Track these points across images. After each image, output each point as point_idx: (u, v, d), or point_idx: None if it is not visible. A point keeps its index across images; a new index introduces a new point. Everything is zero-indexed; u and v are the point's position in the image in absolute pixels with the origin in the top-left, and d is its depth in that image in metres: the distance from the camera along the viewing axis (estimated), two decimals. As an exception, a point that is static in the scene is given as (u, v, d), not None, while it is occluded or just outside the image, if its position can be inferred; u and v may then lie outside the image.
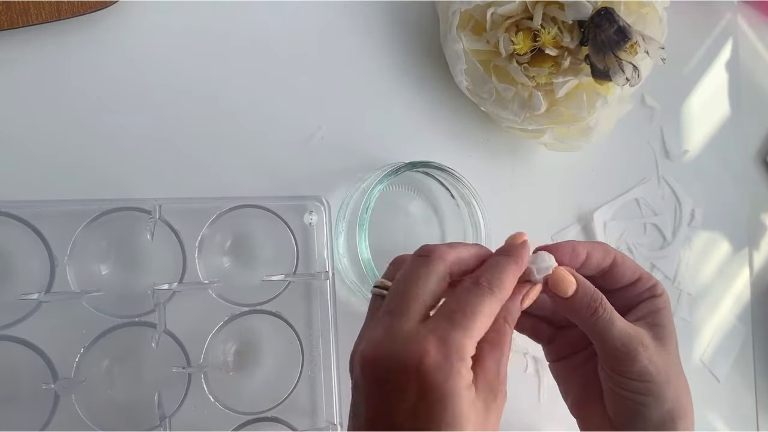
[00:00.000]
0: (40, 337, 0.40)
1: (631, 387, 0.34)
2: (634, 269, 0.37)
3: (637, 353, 0.34)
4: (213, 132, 0.46)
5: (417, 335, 0.29)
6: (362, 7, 0.50)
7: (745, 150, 0.63)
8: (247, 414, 0.43)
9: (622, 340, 0.34)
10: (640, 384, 0.34)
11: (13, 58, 0.42)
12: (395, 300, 0.31)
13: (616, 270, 0.36)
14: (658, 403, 0.34)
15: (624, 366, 0.34)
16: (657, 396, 0.34)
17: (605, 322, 0.34)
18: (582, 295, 0.34)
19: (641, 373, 0.34)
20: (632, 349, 0.34)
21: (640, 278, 0.37)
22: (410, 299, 0.31)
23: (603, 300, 0.34)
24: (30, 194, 0.41)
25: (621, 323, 0.34)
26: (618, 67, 0.44)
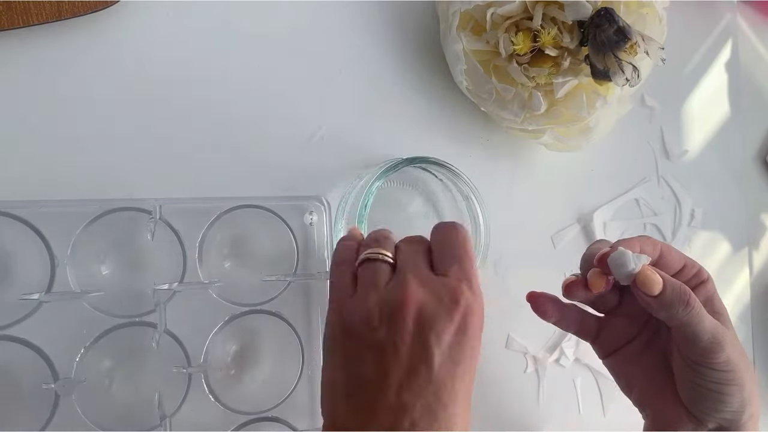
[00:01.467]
0: (40, 337, 0.40)
1: (715, 377, 0.35)
2: (680, 257, 0.37)
3: (725, 342, 0.34)
4: (213, 132, 0.46)
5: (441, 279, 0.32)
6: (362, 7, 0.50)
7: (745, 150, 0.63)
8: (247, 414, 0.43)
9: (712, 331, 0.34)
10: (725, 374, 0.35)
11: (13, 58, 0.42)
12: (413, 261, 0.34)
13: (664, 261, 0.37)
14: (740, 389, 0.35)
15: (712, 357, 0.34)
16: (739, 383, 0.35)
17: (697, 315, 0.34)
18: (670, 291, 0.34)
19: (728, 362, 0.34)
20: (721, 340, 0.34)
21: (685, 265, 0.37)
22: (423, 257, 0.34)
23: (691, 293, 0.35)
24: (30, 194, 0.41)
25: (708, 315, 0.35)
26: (618, 67, 0.44)
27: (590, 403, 0.54)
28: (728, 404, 0.35)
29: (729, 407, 0.35)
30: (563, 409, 0.53)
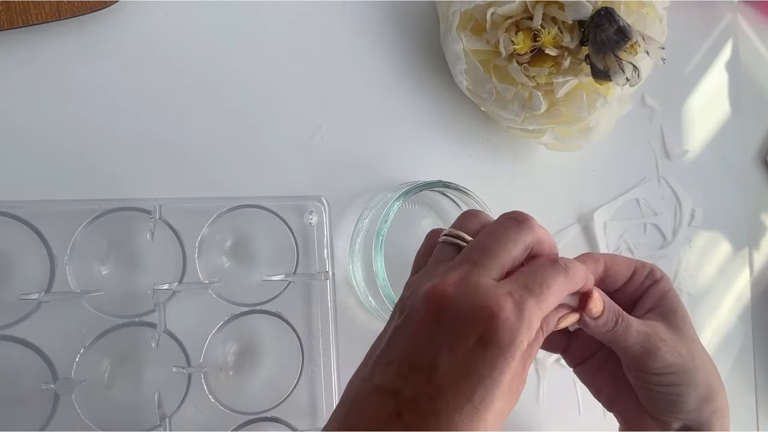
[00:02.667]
0: (40, 337, 0.40)
1: (660, 381, 0.35)
2: (627, 264, 0.37)
3: (658, 350, 0.34)
4: (213, 132, 0.46)
5: (495, 290, 0.28)
6: (362, 7, 0.50)
7: (745, 150, 0.63)
8: (247, 414, 0.43)
9: (641, 342, 0.34)
10: (668, 377, 0.34)
11: (13, 58, 0.42)
12: (479, 252, 0.31)
13: (610, 272, 0.36)
14: (692, 388, 0.35)
15: (648, 364, 0.34)
16: (689, 383, 0.34)
17: (624, 332, 0.34)
18: (607, 313, 0.34)
19: (667, 366, 0.34)
20: (653, 347, 0.34)
21: (635, 270, 0.37)
22: (495, 256, 0.30)
23: (621, 312, 0.34)
24: (30, 194, 0.41)
25: (636, 326, 0.34)
26: (618, 67, 0.44)
27: (590, 403, 0.53)
28: (683, 404, 0.35)
29: (685, 407, 0.35)
30: (563, 409, 0.53)
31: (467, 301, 0.28)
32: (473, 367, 0.27)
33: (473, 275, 0.29)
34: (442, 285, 0.29)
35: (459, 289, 0.29)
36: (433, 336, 0.28)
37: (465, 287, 0.29)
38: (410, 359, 0.28)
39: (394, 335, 0.30)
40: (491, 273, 0.30)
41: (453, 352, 0.28)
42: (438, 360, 0.28)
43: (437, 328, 0.28)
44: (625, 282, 0.37)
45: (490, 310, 0.28)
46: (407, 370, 0.28)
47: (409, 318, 0.29)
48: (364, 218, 0.46)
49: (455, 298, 0.28)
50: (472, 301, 0.28)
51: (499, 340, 0.27)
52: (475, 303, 0.28)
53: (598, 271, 0.36)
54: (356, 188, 0.48)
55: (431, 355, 0.28)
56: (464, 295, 0.28)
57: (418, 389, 0.27)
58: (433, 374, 0.27)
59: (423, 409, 0.27)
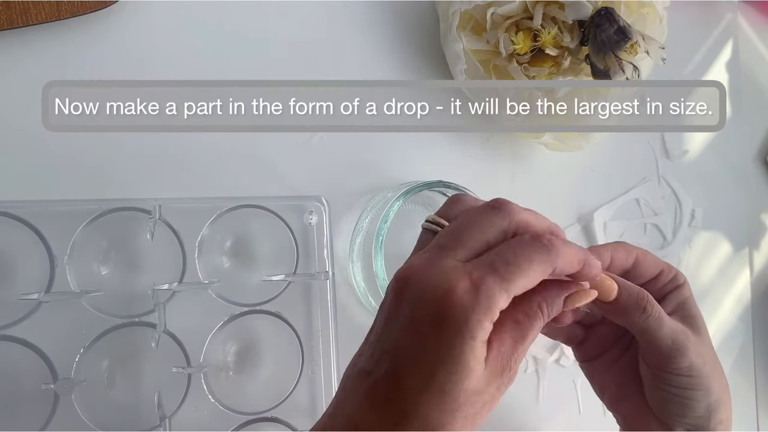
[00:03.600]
0: (40, 337, 0.40)
1: (679, 383, 0.34)
2: (656, 263, 0.36)
3: (687, 349, 0.34)
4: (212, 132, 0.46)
5: (454, 270, 0.28)
6: (362, 7, 0.50)
7: (745, 150, 0.63)
8: (247, 414, 0.43)
9: (672, 337, 0.34)
10: (688, 379, 0.34)
11: (13, 58, 0.42)
12: (447, 236, 0.30)
13: (639, 267, 0.36)
14: (706, 395, 0.34)
15: (674, 363, 0.34)
16: (705, 388, 0.34)
17: (655, 321, 0.34)
18: (626, 296, 0.34)
19: (690, 368, 0.34)
20: (682, 345, 0.34)
21: (662, 271, 0.36)
22: (463, 240, 0.30)
23: (649, 298, 0.34)
24: (30, 194, 0.41)
25: (669, 320, 0.34)
26: (618, 67, 0.44)
27: (590, 403, 0.53)
28: (694, 409, 0.35)
29: (694, 412, 0.35)
30: (563, 409, 0.53)
31: (426, 282, 0.28)
32: (431, 347, 0.27)
33: (437, 258, 0.29)
34: (407, 268, 0.29)
35: (420, 271, 0.29)
36: (396, 318, 0.29)
37: (427, 269, 0.29)
38: (380, 342, 0.29)
39: (374, 320, 0.31)
40: (457, 255, 0.29)
41: (412, 334, 0.28)
42: (400, 342, 0.28)
43: (399, 310, 0.29)
44: (650, 280, 0.36)
45: (442, 289, 0.28)
46: (378, 352, 0.29)
47: (382, 303, 0.30)
48: (364, 218, 0.46)
49: (416, 280, 0.29)
50: (430, 281, 0.28)
51: (453, 318, 0.27)
52: (432, 283, 0.28)
53: (628, 262, 0.36)
54: (356, 188, 0.48)
55: (394, 337, 0.28)
56: (424, 276, 0.29)
57: (387, 370, 0.28)
58: (397, 356, 0.28)
59: (390, 389, 0.28)
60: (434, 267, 0.29)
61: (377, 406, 0.28)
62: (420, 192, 0.43)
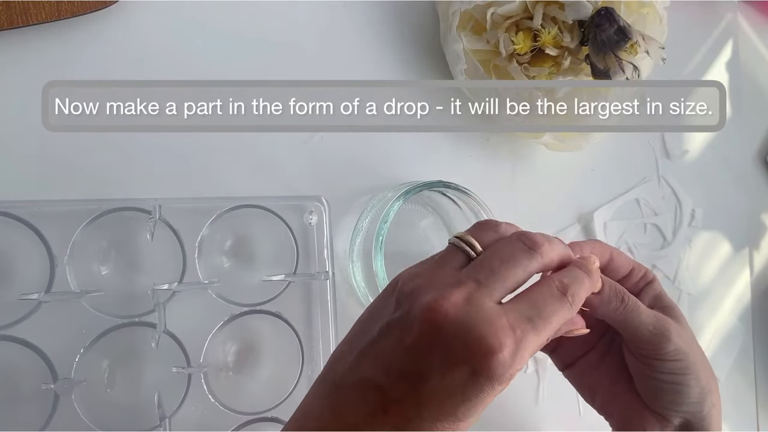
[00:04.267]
0: (40, 337, 0.40)
1: (668, 368, 0.35)
2: (628, 261, 0.38)
3: (669, 332, 0.35)
4: (212, 132, 0.46)
5: (499, 320, 0.28)
6: (362, 7, 0.50)
7: (745, 150, 0.63)
8: (247, 414, 0.43)
9: (652, 323, 0.35)
10: (676, 363, 0.35)
11: (13, 58, 0.42)
12: (486, 273, 0.30)
13: (613, 264, 0.37)
14: (697, 378, 0.35)
15: (659, 348, 0.35)
16: (694, 371, 0.35)
17: (633, 310, 0.35)
18: (608, 288, 0.35)
19: (677, 351, 0.35)
20: (664, 329, 0.35)
21: (633, 269, 0.38)
22: (501, 279, 0.30)
23: (626, 291, 0.35)
24: (30, 194, 0.41)
25: (647, 309, 0.35)
26: (618, 67, 0.44)
27: (590, 403, 0.53)
28: (687, 395, 0.35)
29: (688, 398, 0.35)
30: (563, 409, 0.53)
31: (467, 327, 0.28)
32: (461, 390, 0.28)
33: (476, 297, 0.29)
34: (444, 302, 0.29)
35: (461, 312, 0.29)
36: (428, 353, 0.28)
37: (467, 310, 0.29)
38: (400, 365, 0.29)
39: (387, 332, 0.30)
40: (494, 296, 0.30)
41: (444, 374, 0.28)
42: (428, 376, 0.28)
43: (433, 347, 0.28)
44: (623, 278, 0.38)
45: (489, 345, 0.28)
46: (396, 374, 0.29)
47: (405, 324, 0.29)
48: (364, 218, 0.46)
49: (456, 321, 0.28)
50: (473, 328, 0.28)
51: (493, 375, 0.28)
52: (475, 332, 0.28)
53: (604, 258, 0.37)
54: (356, 188, 0.48)
55: (422, 370, 0.28)
56: (465, 319, 0.28)
57: (404, 394, 0.28)
58: (420, 386, 0.28)
59: (408, 412, 0.28)
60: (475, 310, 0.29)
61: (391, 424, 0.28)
62: (420, 192, 0.43)
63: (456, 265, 0.32)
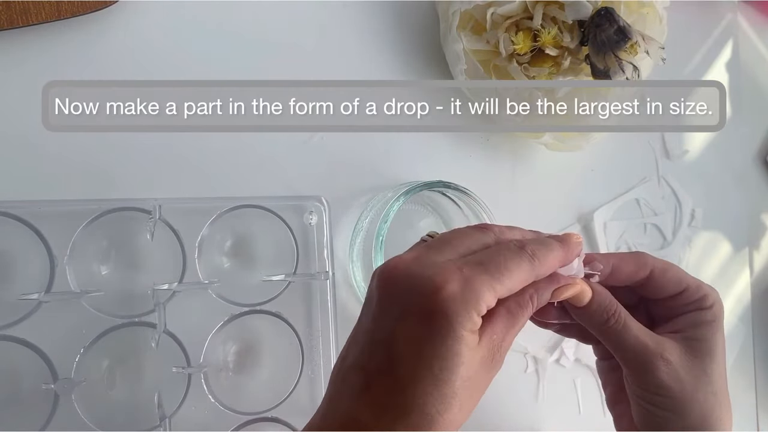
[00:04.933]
0: (40, 337, 0.40)
1: (650, 400, 0.34)
2: (680, 280, 0.35)
3: (654, 367, 0.33)
4: (212, 131, 0.46)
5: (444, 266, 0.29)
6: (362, 7, 0.50)
7: (745, 150, 0.63)
8: (247, 414, 0.43)
9: (636, 351, 0.33)
10: (658, 398, 0.33)
11: (13, 58, 0.42)
12: (437, 241, 0.32)
13: (655, 281, 0.35)
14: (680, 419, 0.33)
15: (641, 378, 0.34)
16: (678, 413, 0.33)
17: (616, 333, 0.33)
18: (596, 305, 0.33)
19: (659, 387, 0.33)
20: (647, 362, 0.33)
21: (686, 289, 0.35)
22: (451, 243, 0.31)
23: (618, 310, 0.34)
24: (30, 194, 0.41)
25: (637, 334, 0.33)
26: (618, 67, 0.44)
27: (590, 403, 0.54)
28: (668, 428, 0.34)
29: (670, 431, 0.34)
30: (563, 409, 0.53)
31: (416, 275, 0.29)
32: (424, 337, 0.28)
33: (425, 255, 0.30)
34: (395, 261, 0.30)
35: (410, 264, 0.30)
36: (387, 310, 0.29)
37: (416, 264, 0.30)
38: (371, 336, 0.30)
39: (360, 316, 0.31)
40: (445, 254, 0.31)
41: (405, 325, 0.29)
42: (393, 334, 0.29)
43: (390, 303, 0.29)
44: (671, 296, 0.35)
45: (435, 282, 0.28)
46: (369, 346, 0.29)
47: (368, 296, 0.31)
48: (364, 218, 0.46)
49: (405, 272, 0.29)
50: (421, 273, 0.29)
51: (445, 310, 0.28)
52: (423, 275, 0.29)
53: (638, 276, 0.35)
54: (356, 188, 0.48)
55: (387, 330, 0.29)
56: (414, 269, 0.29)
57: (380, 363, 0.29)
58: (390, 348, 0.29)
59: (387, 381, 0.28)
60: (423, 261, 0.30)
61: (375, 399, 0.28)
62: (420, 192, 0.43)
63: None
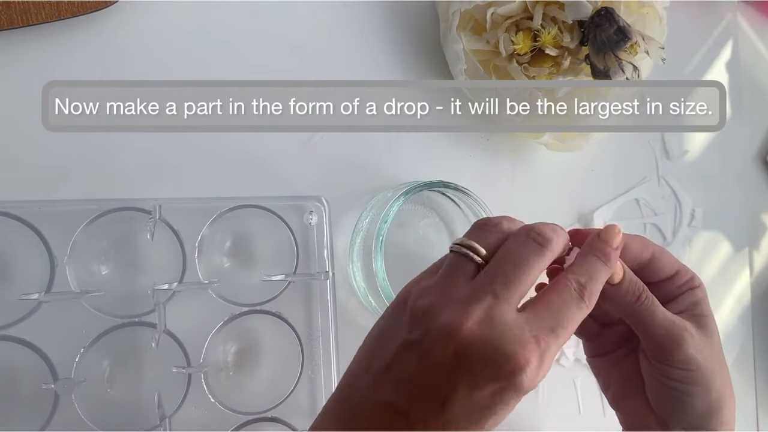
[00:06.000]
0: (40, 337, 0.40)
1: (677, 376, 0.34)
2: (672, 263, 0.36)
3: (683, 340, 0.34)
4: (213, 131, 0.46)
5: (522, 335, 0.28)
6: (362, 7, 0.50)
7: (745, 150, 0.63)
8: (247, 414, 0.43)
9: (666, 326, 0.34)
10: (686, 373, 0.34)
11: (13, 58, 0.42)
12: (501, 282, 0.30)
13: (655, 264, 0.36)
14: (705, 392, 0.34)
15: (669, 354, 0.34)
16: (704, 385, 0.34)
17: (648, 309, 0.34)
18: (627, 282, 0.34)
19: (688, 361, 0.34)
20: (677, 336, 0.34)
21: (678, 272, 0.36)
22: (517, 286, 0.30)
23: (645, 288, 0.34)
24: (30, 194, 0.41)
25: (664, 311, 0.34)
26: (618, 67, 0.44)
27: (590, 403, 0.54)
28: (692, 406, 0.35)
29: (693, 410, 0.35)
30: (563, 409, 0.53)
31: (492, 346, 0.28)
32: (489, 405, 0.28)
33: (497, 311, 0.29)
34: (465, 321, 0.28)
35: (483, 329, 0.28)
36: (453, 374, 0.28)
37: (489, 327, 0.28)
38: (424, 387, 0.28)
39: (406, 352, 0.29)
40: (513, 306, 0.29)
41: (471, 394, 0.28)
42: (454, 395, 0.28)
43: (458, 368, 0.28)
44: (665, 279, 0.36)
45: (517, 362, 0.28)
46: (421, 396, 0.28)
47: (426, 344, 0.29)
48: (364, 218, 0.46)
49: (479, 339, 0.28)
50: (498, 347, 0.28)
51: (520, 389, 0.28)
52: (501, 351, 0.28)
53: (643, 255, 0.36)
54: (356, 188, 0.48)
55: (448, 390, 0.28)
56: (489, 337, 0.28)
57: (429, 416, 0.28)
58: (447, 406, 0.28)
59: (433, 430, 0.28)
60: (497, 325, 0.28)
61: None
62: (420, 192, 0.43)
63: (466, 275, 0.31)
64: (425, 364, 0.29)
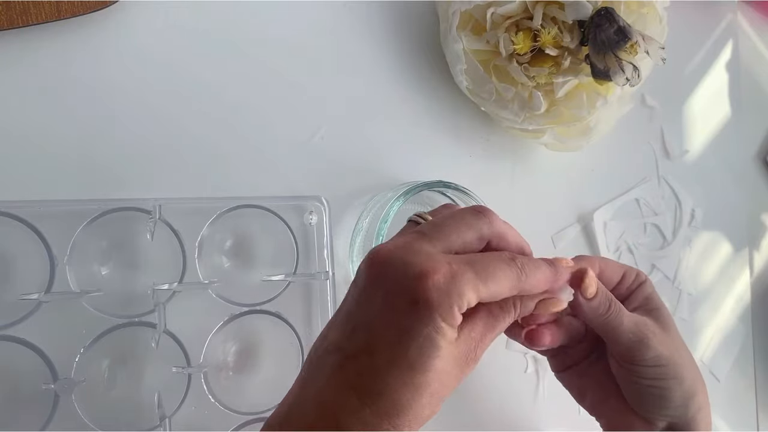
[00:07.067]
0: (40, 337, 0.40)
1: (651, 374, 0.35)
2: (617, 268, 0.38)
3: (648, 339, 0.35)
4: (213, 132, 0.46)
5: (433, 257, 0.29)
6: (362, 7, 0.50)
7: (745, 150, 0.63)
8: (247, 414, 0.43)
9: (632, 330, 0.35)
10: (658, 369, 0.35)
11: (13, 58, 0.42)
12: (430, 226, 0.32)
13: (603, 275, 0.38)
14: (679, 383, 0.35)
15: (640, 355, 0.35)
16: (677, 377, 0.35)
17: (617, 318, 0.35)
18: (601, 296, 0.35)
19: (657, 357, 0.35)
20: (643, 336, 0.35)
21: (624, 273, 0.38)
22: (443, 232, 0.31)
23: (613, 298, 0.36)
24: (30, 194, 0.41)
25: (629, 315, 0.36)
26: (618, 67, 0.44)
27: (590, 403, 0.53)
28: (670, 399, 0.36)
29: (672, 402, 0.36)
30: (563, 409, 0.53)
31: (404, 262, 0.29)
32: (405, 324, 0.28)
33: (417, 242, 0.30)
34: (383, 247, 0.30)
35: (398, 252, 0.30)
36: (372, 296, 0.29)
37: (405, 249, 0.30)
38: (353, 318, 0.30)
39: (345, 296, 0.32)
40: (435, 245, 0.30)
41: (388, 311, 0.29)
42: (375, 319, 0.29)
43: (375, 287, 0.30)
44: (617, 284, 0.38)
45: (422, 270, 0.28)
46: (351, 328, 0.30)
47: (355, 280, 0.31)
48: (364, 218, 0.46)
49: (393, 259, 0.29)
50: (410, 260, 0.29)
51: (429, 299, 0.28)
52: (412, 263, 0.29)
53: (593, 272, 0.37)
54: (356, 188, 0.48)
55: (369, 314, 0.29)
56: (403, 255, 0.29)
57: (359, 346, 0.29)
58: (370, 332, 0.29)
59: (362, 363, 0.28)
60: (414, 249, 0.30)
61: (347, 381, 0.28)
62: (420, 192, 0.43)
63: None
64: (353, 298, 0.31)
